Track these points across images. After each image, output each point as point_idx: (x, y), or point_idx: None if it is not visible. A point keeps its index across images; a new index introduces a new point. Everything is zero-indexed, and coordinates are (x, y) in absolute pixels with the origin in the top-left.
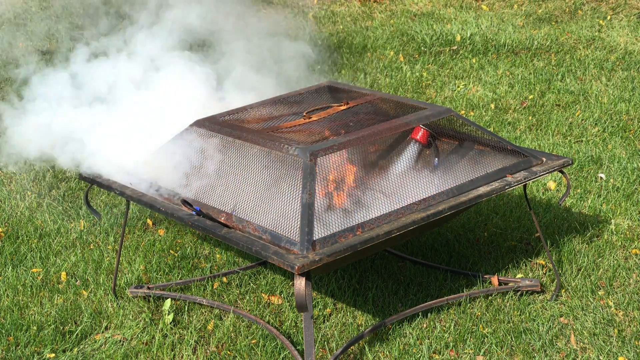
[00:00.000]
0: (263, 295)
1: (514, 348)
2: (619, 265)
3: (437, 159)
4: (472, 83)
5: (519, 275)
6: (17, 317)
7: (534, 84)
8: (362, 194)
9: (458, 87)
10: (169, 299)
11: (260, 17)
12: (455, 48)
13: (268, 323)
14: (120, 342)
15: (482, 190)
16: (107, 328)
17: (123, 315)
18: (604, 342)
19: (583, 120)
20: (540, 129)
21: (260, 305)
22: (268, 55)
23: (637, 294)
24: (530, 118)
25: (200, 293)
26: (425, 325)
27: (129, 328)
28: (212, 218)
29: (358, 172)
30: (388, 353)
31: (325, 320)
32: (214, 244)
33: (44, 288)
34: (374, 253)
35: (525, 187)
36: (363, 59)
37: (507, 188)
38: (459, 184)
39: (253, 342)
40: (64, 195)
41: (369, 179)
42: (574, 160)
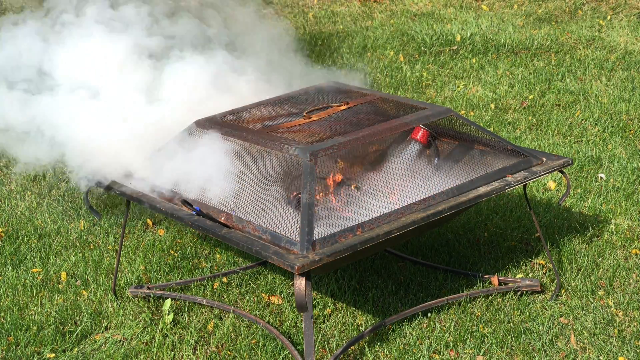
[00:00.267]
0: (263, 295)
1: (514, 348)
2: (619, 265)
3: (437, 159)
4: (472, 83)
5: (519, 275)
6: (17, 317)
7: (534, 84)
8: (362, 194)
9: (458, 87)
10: (169, 299)
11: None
12: (455, 48)
13: (268, 323)
14: (120, 342)
15: (482, 190)
16: (107, 328)
17: (123, 315)
18: (604, 342)
19: (583, 120)
20: (540, 129)
21: (260, 305)
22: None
23: (637, 294)
24: (530, 118)
25: (200, 293)
26: (425, 325)
27: (129, 328)
28: (212, 218)
29: (358, 172)
30: (388, 353)
31: (325, 320)
32: (214, 244)
33: (44, 288)
34: (374, 253)
35: (525, 187)
36: (363, 59)
37: (507, 188)
38: (459, 184)
39: (253, 342)
40: (64, 195)
41: (369, 179)
42: (574, 160)
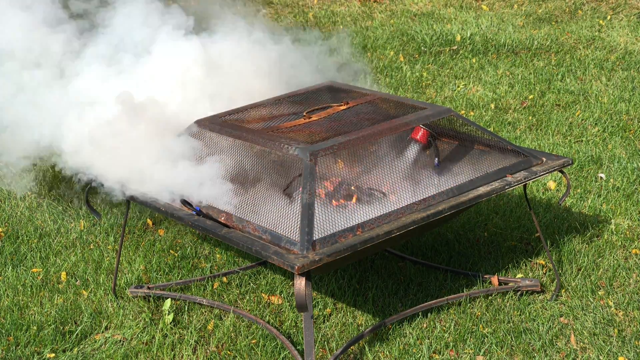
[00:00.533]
0: (263, 295)
1: (514, 348)
2: (619, 265)
3: (437, 159)
4: (472, 83)
5: (519, 275)
6: (17, 317)
7: (534, 84)
8: (362, 194)
9: (458, 87)
10: (169, 299)
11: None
12: (455, 48)
13: (268, 323)
14: (120, 342)
15: (482, 190)
16: (107, 328)
17: (123, 315)
18: (604, 342)
19: (583, 120)
20: (540, 129)
21: (260, 305)
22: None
23: (637, 294)
24: (530, 118)
25: (200, 293)
26: (425, 325)
27: (129, 328)
28: (212, 218)
29: (358, 172)
30: (388, 353)
31: (325, 320)
32: (214, 244)
33: (44, 288)
34: (374, 253)
35: (525, 187)
36: (363, 59)
37: (507, 188)
38: (459, 184)
39: (253, 342)
40: (64, 195)
41: (369, 179)
42: (574, 160)
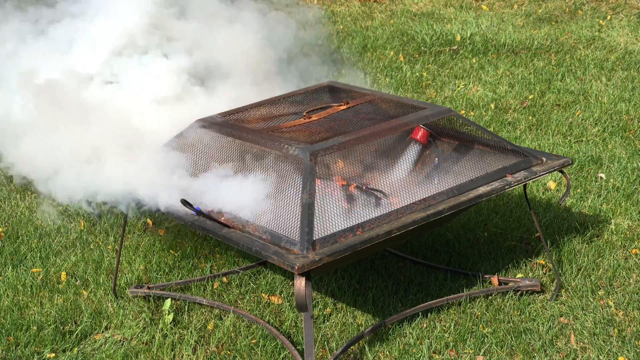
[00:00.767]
0: (263, 295)
1: (514, 348)
2: (619, 265)
3: (437, 159)
4: (472, 83)
5: (519, 275)
6: (17, 317)
7: (534, 84)
8: (362, 194)
9: (458, 87)
10: (169, 299)
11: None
12: (455, 48)
13: (268, 323)
14: (120, 342)
15: (482, 190)
16: (107, 328)
17: (123, 315)
18: (604, 342)
19: (583, 120)
20: (540, 129)
21: (260, 305)
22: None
23: (637, 294)
24: (530, 118)
25: (200, 293)
26: (425, 325)
27: (129, 328)
28: (212, 218)
29: (358, 172)
30: (388, 353)
31: (325, 320)
32: (214, 244)
33: (44, 288)
34: (374, 253)
35: (525, 187)
36: (363, 59)
37: (507, 188)
38: (459, 184)
39: (253, 342)
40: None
41: (369, 179)
42: (574, 160)
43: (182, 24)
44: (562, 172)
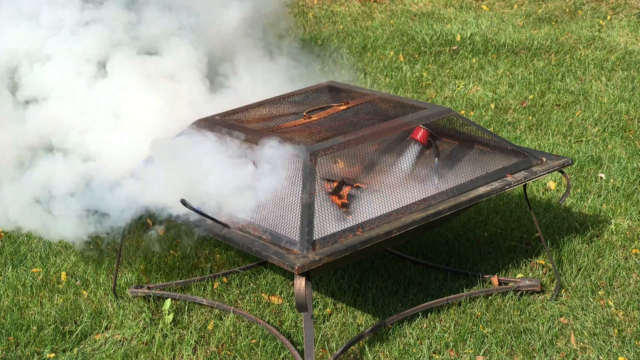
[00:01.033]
0: (263, 295)
1: (514, 348)
2: (619, 265)
3: (437, 159)
4: (472, 83)
5: (519, 275)
6: (17, 317)
7: (534, 84)
8: (362, 194)
9: (458, 87)
10: (169, 299)
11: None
12: (455, 48)
13: (268, 323)
14: (120, 342)
15: (482, 190)
16: (107, 328)
17: (123, 315)
18: (604, 342)
19: (583, 120)
20: (540, 129)
21: (260, 305)
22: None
23: (637, 294)
24: (530, 118)
25: (200, 293)
26: (425, 325)
27: (129, 328)
28: (212, 218)
29: (358, 172)
30: (388, 353)
31: (325, 320)
32: (214, 244)
33: (44, 288)
34: (374, 253)
35: (525, 187)
36: (363, 59)
37: (507, 188)
38: (459, 184)
39: (253, 342)
40: None
41: (369, 179)
42: (574, 160)
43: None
44: (562, 172)
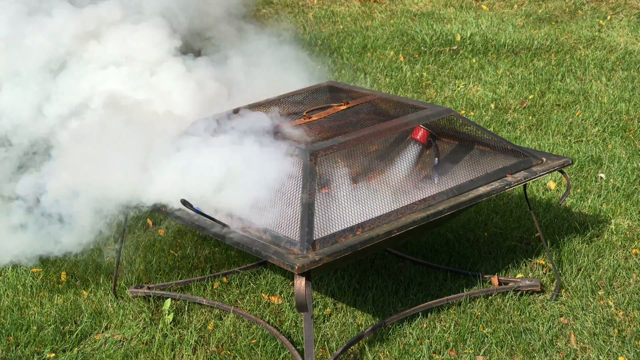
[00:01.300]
0: (263, 295)
1: (514, 348)
2: (619, 265)
3: (437, 159)
4: (472, 83)
5: (519, 275)
6: (17, 317)
7: (534, 84)
8: (362, 194)
9: (458, 87)
10: (169, 299)
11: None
12: (455, 48)
13: (268, 323)
14: (120, 342)
15: (482, 190)
16: (107, 328)
17: (123, 315)
18: (604, 342)
19: (583, 120)
20: (540, 129)
21: (260, 305)
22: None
23: (637, 294)
24: (530, 118)
25: (200, 293)
26: (425, 325)
27: (129, 328)
28: (212, 218)
29: (358, 172)
30: (388, 353)
31: (325, 320)
32: (214, 244)
33: (44, 288)
34: (374, 253)
35: (525, 187)
36: (363, 59)
37: (507, 188)
38: (459, 184)
39: (253, 342)
40: None
41: (369, 179)
42: (574, 160)
43: None
44: (562, 172)
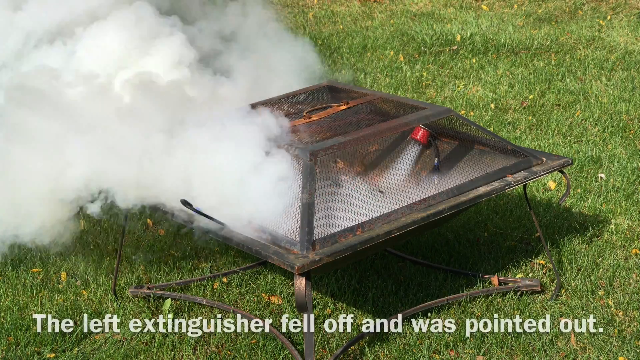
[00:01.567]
0: (263, 295)
1: (514, 348)
2: (619, 265)
3: (437, 159)
4: (472, 83)
5: (519, 275)
6: (17, 317)
7: (534, 84)
8: (362, 194)
9: (458, 87)
10: (169, 299)
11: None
12: (455, 48)
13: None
14: (120, 342)
15: (482, 190)
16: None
17: (123, 315)
18: (604, 342)
19: (583, 120)
20: (540, 129)
21: (260, 305)
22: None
23: (637, 294)
24: (530, 118)
25: (200, 293)
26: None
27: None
28: (212, 218)
29: (358, 172)
30: (388, 353)
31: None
32: (214, 244)
33: (44, 288)
34: (374, 253)
35: (525, 187)
36: (363, 59)
37: (507, 188)
38: (459, 184)
39: (253, 342)
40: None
41: (369, 179)
42: (574, 160)
43: None
44: (562, 172)
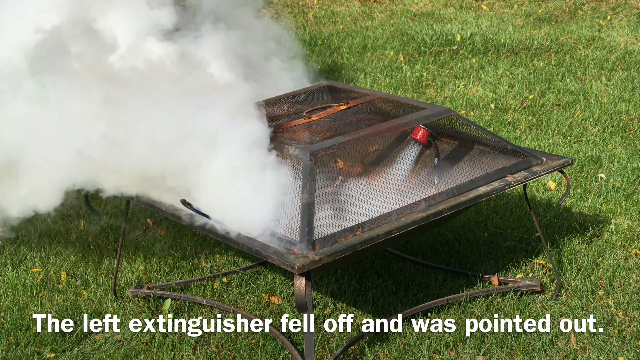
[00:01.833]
0: (263, 295)
1: (514, 348)
2: (619, 265)
3: (437, 159)
4: (472, 83)
5: (519, 275)
6: (17, 317)
7: (534, 84)
8: (362, 194)
9: (458, 87)
10: (169, 299)
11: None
12: (455, 48)
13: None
14: (120, 342)
15: (482, 190)
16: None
17: (123, 315)
18: (604, 342)
19: (583, 120)
20: (540, 129)
21: (260, 305)
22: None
23: (637, 294)
24: (530, 118)
25: (200, 293)
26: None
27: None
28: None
29: (358, 172)
30: (388, 353)
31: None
32: (214, 244)
33: (44, 288)
34: (374, 253)
35: (525, 187)
36: (363, 59)
37: (507, 188)
38: (459, 184)
39: (253, 342)
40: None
41: (369, 179)
42: (574, 160)
43: None
44: (562, 172)
